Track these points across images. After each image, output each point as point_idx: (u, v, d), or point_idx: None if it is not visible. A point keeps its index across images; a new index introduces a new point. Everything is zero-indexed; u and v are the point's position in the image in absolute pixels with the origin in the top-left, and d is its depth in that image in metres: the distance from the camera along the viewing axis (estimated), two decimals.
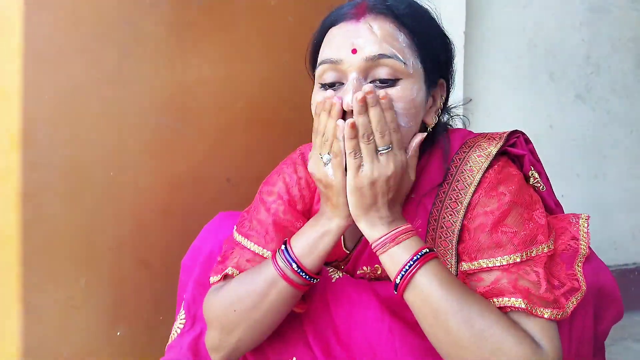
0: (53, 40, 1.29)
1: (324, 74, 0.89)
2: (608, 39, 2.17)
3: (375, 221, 0.86)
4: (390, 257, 0.84)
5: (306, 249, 0.90)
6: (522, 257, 0.85)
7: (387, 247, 0.85)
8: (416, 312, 0.83)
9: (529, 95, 2.09)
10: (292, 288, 0.91)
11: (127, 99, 1.37)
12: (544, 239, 0.87)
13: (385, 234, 0.85)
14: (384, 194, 0.85)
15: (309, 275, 0.90)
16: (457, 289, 0.82)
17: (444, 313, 0.80)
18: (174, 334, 1.09)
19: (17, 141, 1.26)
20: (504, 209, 0.88)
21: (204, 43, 1.46)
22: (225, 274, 0.98)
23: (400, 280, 0.83)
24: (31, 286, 1.30)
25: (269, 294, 0.91)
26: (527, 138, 1.00)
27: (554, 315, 0.81)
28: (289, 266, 0.90)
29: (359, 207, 0.85)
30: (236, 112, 1.53)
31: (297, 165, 1.05)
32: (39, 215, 1.30)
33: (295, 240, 0.92)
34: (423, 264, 0.82)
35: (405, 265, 0.83)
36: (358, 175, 0.84)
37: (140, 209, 1.41)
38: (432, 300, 0.81)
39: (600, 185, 2.21)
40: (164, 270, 1.43)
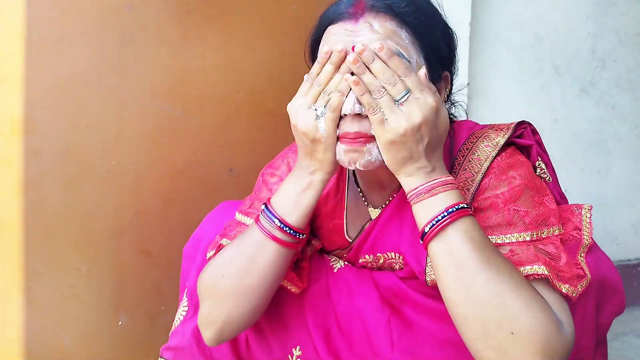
0: (55, 26, 1.28)
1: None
2: (614, 33, 2.16)
3: (414, 171, 0.81)
4: (423, 208, 0.80)
5: (289, 204, 0.88)
6: (532, 236, 0.84)
7: (421, 197, 0.80)
8: (438, 264, 0.79)
9: (533, 89, 2.08)
10: (281, 247, 0.88)
11: (128, 86, 1.37)
12: (555, 221, 0.87)
13: (421, 185, 0.81)
14: (418, 143, 0.80)
15: (295, 231, 0.88)
16: (488, 248, 0.79)
17: (471, 268, 0.76)
18: (177, 320, 1.09)
19: (19, 128, 1.26)
20: (516, 190, 0.87)
21: (207, 30, 1.45)
22: (219, 245, 0.97)
23: (430, 230, 0.79)
24: (32, 274, 1.29)
25: (258, 257, 0.88)
26: (534, 129, 1.00)
27: (570, 292, 0.80)
28: (272, 224, 0.88)
29: (395, 162, 0.81)
30: (239, 101, 1.52)
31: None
32: (40, 202, 1.29)
33: (276, 197, 0.90)
34: (457, 218, 0.79)
35: (437, 216, 0.79)
36: (385, 129, 0.79)
37: (142, 198, 1.40)
38: (459, 255, 0.77)
39: (604, 180, 2.20)
40: (165, 259, 1.43)
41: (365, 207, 1.02)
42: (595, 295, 0.91)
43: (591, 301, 0.91)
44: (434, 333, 0.91)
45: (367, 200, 1.02)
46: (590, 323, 0.91)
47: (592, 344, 0.92)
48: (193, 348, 1.04)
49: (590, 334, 0.92)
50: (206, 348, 1.04)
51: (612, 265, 0.94)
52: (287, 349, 0.98)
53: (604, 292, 0.93)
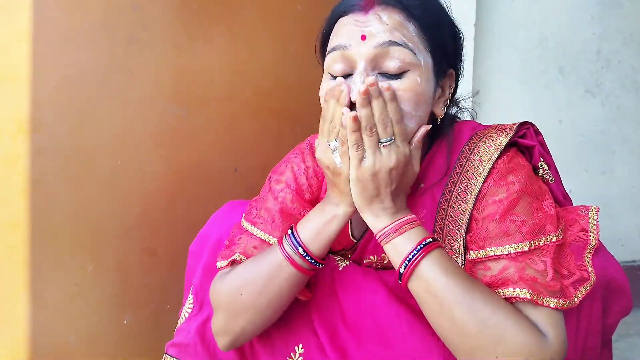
0: (61, 26, 1.28)
1: (333, 63, 0.89)
2: (619, 34, 2.15)
3: (379, 212, 0.87)
4: (394, 247, 0.85)
5: (313, 233, 0.91)
6: (530, 245, 0.85)
7: (390, 237, 0.85)
8: (420, 301, 0.84)
9: (538, 90, 2.07)
10: (298, 272, 0.91)
11: (134, 85, 1.37)
12: (552, 228, 0.87)
13: (388, 224, 0.86)
14: (386, 185, 0.86)
15: (315, 260, 0.91)
16: (461, 278, 0.82)
17: (448, 302, 0.80)
18: (182, 318, 1.10)
19: (24, 127, 1.26)
20: (512, 198, 0.88)
21: (212, 30, 1.46)
22: (232, 260, 0.98)
23: (405, 270, 0.83)
24: (38, 273, 1.30)
25: (275, 278, 0.91)
26: (537, 129, 1.00)
27: (560, 305, 0.81)
28: (295, 250, 0.90)
29: (362, 198, 0.86)
30: (244, 101, 1.52)
31: (306, 154, 1.05)
32: (46, 202, 1.30)
33: (302, 225, 0.93)
34: (427, 253, 0.83)
35: (409, 255, 0.83)
36: (360, 167, 0.85)
37: (147, 197, 1.41)
38: (436, 289, 0.81)
39: (608, 181, 2.20)
40: (170, 259, 1.43)
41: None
42: (601, 296, 0.91)
43: (598, 302, 0.91)
44: None
45: None
46: (596, 324, 0.91)
47: (598, 344, 0.92)
48: (197, 345, 1.05)
49: (597, 334, 0.92)
50: (210, 345, 1.05)
51: (619, 267, 0.94)
52: (289, 347, 0.99)
53: (610, 293, 0.93)
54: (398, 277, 0.85)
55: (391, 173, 0.85)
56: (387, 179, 0.85)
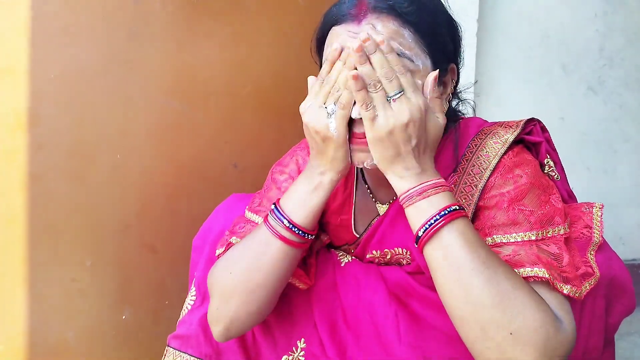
0: (60, 19, 1.27)
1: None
2: (622, 32, 2.14)
3: (402, 172, 0.82)
4: (416, 211, 0.81)
5: (297, 204, 0.88)
6: (537, 235, 0.84)
7: (414, 200, 0.81)
8: (435, 267, 0.80)
9: (540, 87, 2.07)
10: (287, 246, 0.89)
11: (134, 80, 1.36)
12: (561, 221, 0.86)
13: (412, 187, 0.81)
14: (405, 142, 0.80)
15: (303, 231, 0.88)
16: (483, 249, 0.79)
17: (468, 270, 0.76)
18: (185, 310, 1.09)
19: (23, 121, 1.26)
20: (521, 189, 0.87)
21: (213, 25, 1.45)
22: (228, 243, 0.97)
23: (423, 233, 0.79)
24: (36, 268, 1.29)
25: (264, 254, 0.89)
26: (544, 126, 1.00)
27: (572, 292, 0.80)
28: (280, 223, 0.88)
29: (383, 159, 0.82)
30: (244, 96, 1.51)
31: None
32: (45, 197, 1.29)
33: (285, 196, 0.91)
34: (450, 220, 0.79)
35: (431, 219, 0.79)
36: (374, 126, 0.80)
37: (147, 192, 1.40)
38: (455, 257, 0.77)
39: (610, 179, 2.19)
40: (169, 254, 1.43)
41: (373, 203, 1.02)
42: (605, 295, 0.91)
43: (600, 300, 0.90)
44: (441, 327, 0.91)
45: (375, 196, 1.02)
46: (599, 322, 0.91)
47: (601, 343, 0.92)
48: (200, 337, 1.05)
49: (599, 333, 0.91)
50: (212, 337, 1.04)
51: (623, 265, 0.94)
52: (291, 341, 0.99)
53: (613, 291, 0.92)
54: (415, 240, 0.81)
55: (407, 128, 0.80)
56: (404, 136, 0.80)
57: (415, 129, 0.81)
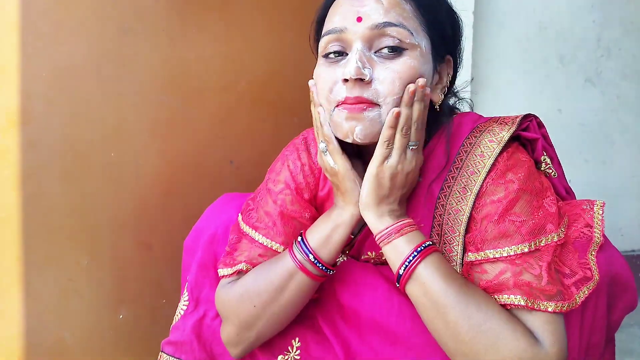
0: (50, 15, 1.26)
1: (327, 44, 0.88)
2: (619, 22, 2.13)
3: (384, 213, 0.87)
4: (394, 248, 0.85)
5: (321, 240, 0.91)
6: (530, 247, 0.83)
7: (391, 238, 0.85)
8: (417, 304, 0.84)
9: (538, 79, 2.06)
10: (310, 279, 0.91)
11: (126, 76, 1.35)
12: (553, 227, 0.84)
13: (390, 225, 0.86)
14: (400, 188, 0.87)
15: (325, 267, 0.91)
16: (457, 282, 0.82)
17: (443, 306, 0.80)
18: (178, 315, 1.09)
19: (15, 119, 1.24)
20: (511, 197, 0.85)
21: (206, 19, 1.43)
22: (238, 270, 0.97)
23: (404, 272, 0.84)
24: (31, 267, 1.28)
25: (287, 286, 0.91)
26: (540, 122, 0.97)
27: (558, 308, 0.80)
28: (306, 258, 0.90)
29: (372, 196, 0.87)
30: (239, 91, 1.50)
31: (300, 151, 1.03)
32: (38, 195, 1.28)
33: (311, 232, 0.93)
34: (425, 256, 0.83)
35: (408, 257, 0.83)
36: (382, 165, 0.86)
37: (142, 190, 1.39)
38: (432, 292, 0.81)
39: (608, 171, 2.19)
40: (165, 253, 1.42)
41: None
42: (607, 293, 0.89)
43: (603, 298, 0.89)
44: None
45: None
46: (601, 320, 0.89)
47: (602, 341, 0.91)
48: (193, 343, 1.04)
49: (601, 330, 0.90)
50: (206, 343, 1.04)
51: (624, 262, 0.92)
52: (287, 341, 0.98)
53: (615, 288, 0.91)
54: (396, 279, 0.85)
55: (407, 176, 0.87)
56: (403, 181, 0.87)
57: (410, 181, 0.88)
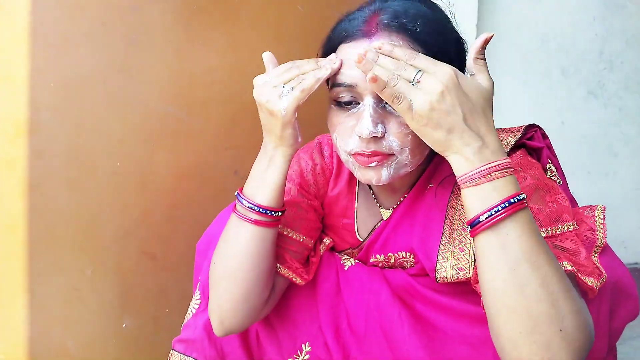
0: (59, 27, 1.27)
1: (338, 94, 0.87)
2: (622, 35, 2.14)
3: (461, 148, 0.74)
4: (477, 193, 0.74)
5: (255, 184, 0.91)
6: (547, 233, 0.84)
7: (475, 182, 0.74)
8: (489, 254, 0.74)
9: (540, 91, 2.07)
10: (256, 227, 0.91)
11: (133, 87, 1.36)
12: (569, 217, 0.86)
13: (476, 168, 0.74)
14: (451, 114, 0.73)
15: (265, 209, 0.90)
16: (543, 246, 0.74)
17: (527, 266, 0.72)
18: (189, 314, 1.09)
19: (23, 129, 1.25)
20: (526, 190, 0.86)
21: (212, 32, 1.45)
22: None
23: (485, 219, 0.73)
24: (36, 276, 1.29)
25: (237, 238, 0.92)
26: (544, 133, 1.00)
27: (595, 284, 0.80)
28: (243, 207, 0.91)
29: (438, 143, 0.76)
30: (244, 103, 1.50)
31: (314, 152, 1.07)
32: (44, 204, 1.29)
33: (247, 181, 0.94)
34: (514, 211, 0.73)
35: (494, 207, 0.73)
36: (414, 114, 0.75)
37: (146, 200, 1.40)
38: (515, 249, 0.72)
39: (611, 182, 2.19)
40: (170, 262, 1.42)
41: (376, 207, 1.03)
42: (609, 299, 0.90)
43: (605, 304, 0.90)
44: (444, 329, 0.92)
45: (379, 201, 1.03)
46: (603, 327, 0.90)
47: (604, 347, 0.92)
48: (204, 341, 1.05)
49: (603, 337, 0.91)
50: (217, 341, 1.04)
51: (626, 269, 0.93)
52: (296, 344, 0.99)
53: (617, 295, 0.92)
54: (470, 223, 0.75)
55: (445, 98, 0.73)
56: (446, 107, 0.73)
57: (455, 97, 0.74)
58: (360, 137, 0.83)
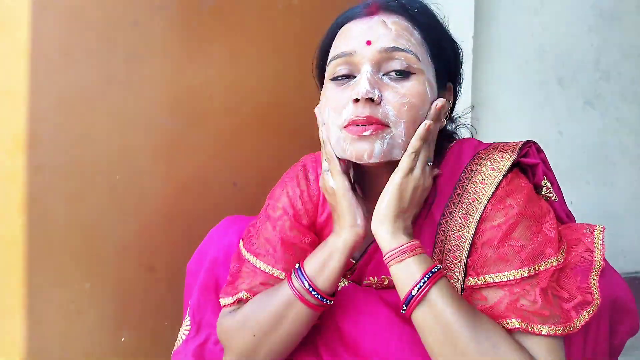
0: (59, 41, 1.28)
1: (336, 67, 0.89)
2: (618, 45, 2.15)
3: (399, 229, 0.85)
4: (405, 268, 0.83)
5: (317, 268, 0.90)
6: (529, 271, 0.83)
7: (405, 256, 0.83)
8: (424, 327, 0.82)
9: (537, 102, 2.07)
10: (308, 309, 0.90)
11: (133, 101, 1.37)
12: (552, 252, 0.85)
13: (405, 244, 0.84)
14: (416, 204, 0.87)
15: (322, 296, 0.90)
16: (466, 307, 0.81)
17: (455, 330, 0.79)
18: (179, 340, 1.08)
19: (22, 143, 1.26)
20: (511, 222, 0.86)
21: (212, 45, 1.46)
22: (238, 298, 0.97)
23: (417, 293, 0.81)
24: (35, 290, 1.29)
25: (287, 316, 0.90)
26: (539, 147, 0.98)
27: (552, 331, 0.80)
28: (303, 286, 0.89)
29: (393, 208, 0.85)
30: (243, 115, 1.52)
31: (300, 178, 1.04)
32: (44, 218, 1.29)
33: (308, 260, 0.92)
34: (437, 280, 0.82)
35: (421, 279, 0.81)
36: (407, 177, 0.86)
37: (146, 213, 1.40)
38: (443, 316, 0.79)
39: (610, 192, 2.19)
40: (169, 275, 1.42)
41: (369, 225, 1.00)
42: (608, 317, 0.89)
43: (604, 323, 0.89)
44: None
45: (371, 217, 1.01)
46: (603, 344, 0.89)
47: None
48: None
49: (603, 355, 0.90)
50: None
51: (626, 286, 0.92)
52: None
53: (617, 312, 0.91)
54: (405, 302, 0.83)
55: (424, 193, 0.88)
56: (420, 197, 0.87)
57: (423, 197, 0.88)
58: (355, 102, 0.84)
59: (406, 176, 0.85)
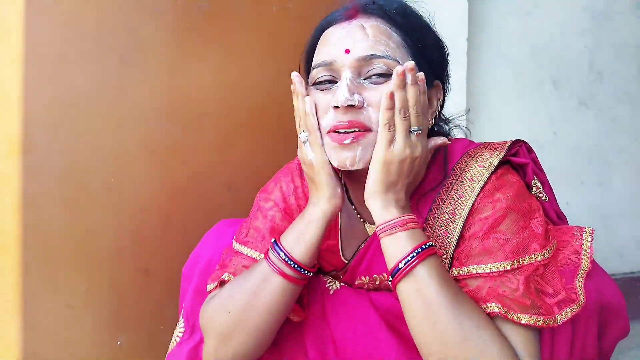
0: (53, 45, 1.28)
1: (318, 74, 0.90)
2: (611, 46, 2.16)
3: (391, 202, 0.84)
4: (395, 241, 0.83)
5: (294, 239, 0.89)
6: (512, 264, 0.84)
7: (395, 230, 0.83)
8: (407, 302, 0.82)
9: (532, 103, 2.08)
10: (286, 282, 0.89)
11: (127, 105, 1.37)
12: (538, 248, 0.85)
13: (396, 217, 0.83)
14: (407, 175, 0.85)
15: (301, 267, 0.89)
16: (452, 287, 0.81)
17: (436, 307, 0.79)
18: (173, 342, 1.08)
19: (16, 147, 1.26)
20: (498, 215, 0.87)
21: (205, 49, 1.46)
22: (221, 280, 0.97)
23: (403, 266, 0.81)
24: (30, 293, 1.28)
25: (263, 290, 0.89)
26: (530, 147, 0.99)
27: (532, 321, 0.80)
28: (278, 258, 0.89)
29: (381, 183, 0.84)
30: (237, 119, 1.52)
31: (295, 175, 1.05)
32: (38, 221, 1.29)
33: (285, 233, 0.92)
34: (426, 256, 0.81)
35: (409, 254, 0.81)
36: (389, 149, 0.84)
37: (141, 216, 1.40)
38: (426, 292, 0.80)
39: (605, 192, 2.19)
40: (164, 278, 1.42)
41: (361, 224, 1.02)
42: (597, 320, 0.89)
43: (593, 326, 0.89)
44: None
45: (362, 216, 1.02)
46: (591, 348, 0.89)
47: None
48: None
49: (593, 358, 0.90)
50: None
51: (616, 289, 0.92)
52: None
53: (607, 317, 0.91)
54: (391, 273, 0.83)
55: (414, 163, 0.85)
56: (409, 168, 0.85)
57: (417, 167, 0.86)
58: (336, 109, 0.85)
59: (387, 149, 0.84)
